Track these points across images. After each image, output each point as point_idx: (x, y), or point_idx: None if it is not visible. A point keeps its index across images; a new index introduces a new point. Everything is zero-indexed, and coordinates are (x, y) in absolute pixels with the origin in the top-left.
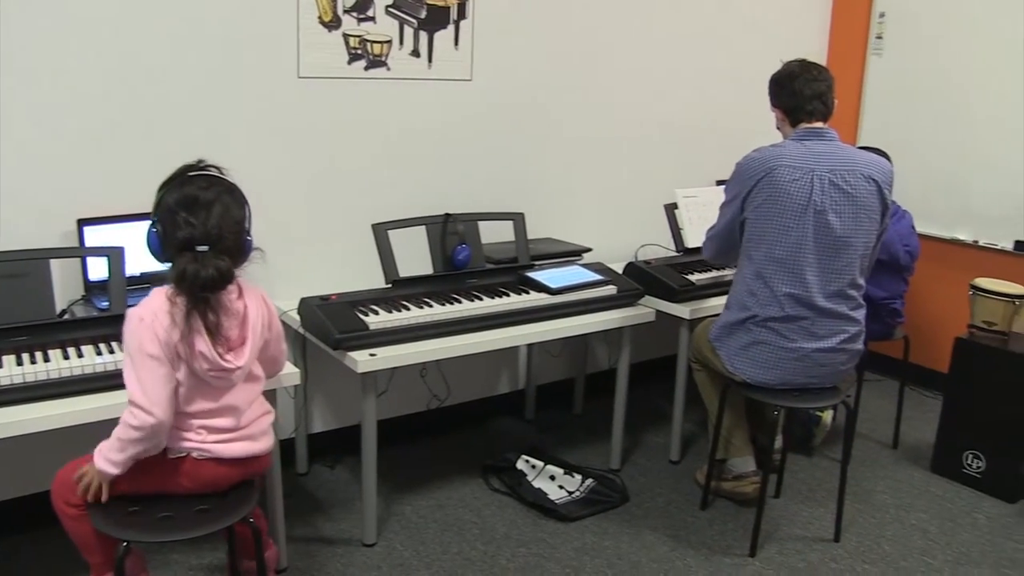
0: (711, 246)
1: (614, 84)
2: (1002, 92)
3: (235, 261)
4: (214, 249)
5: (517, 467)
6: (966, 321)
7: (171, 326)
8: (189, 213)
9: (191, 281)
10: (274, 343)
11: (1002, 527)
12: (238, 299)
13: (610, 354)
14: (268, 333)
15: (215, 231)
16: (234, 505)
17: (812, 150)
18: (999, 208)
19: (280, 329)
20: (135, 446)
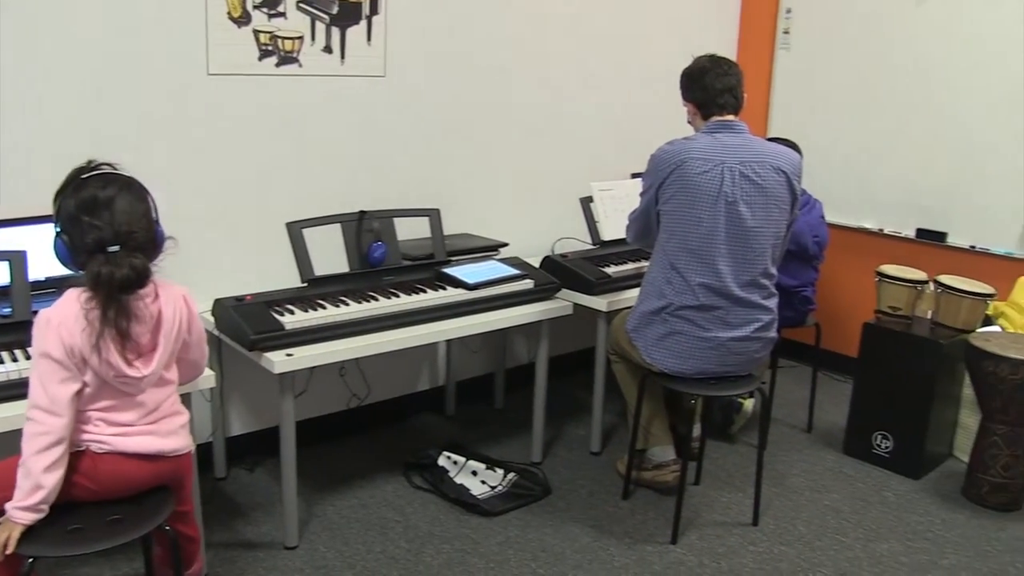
0: (632, 228)
1: (528, 79)
2: (904, 85)
3: (150, 255)
4: (126, 247)
5: (439, 463)
6: (873, 307)
7: (79, 331)
8: (92, 216)
9: (107, 283)
10: (195, 346)
11: (908, 503)
12: (153, 302)
13: (529, 348)
14: (188, 336)
15: (123, 228)
16: (149, 512)
17: (722, 142)
18: (902, 197)
19: (202, 331)
20: (46, 456)
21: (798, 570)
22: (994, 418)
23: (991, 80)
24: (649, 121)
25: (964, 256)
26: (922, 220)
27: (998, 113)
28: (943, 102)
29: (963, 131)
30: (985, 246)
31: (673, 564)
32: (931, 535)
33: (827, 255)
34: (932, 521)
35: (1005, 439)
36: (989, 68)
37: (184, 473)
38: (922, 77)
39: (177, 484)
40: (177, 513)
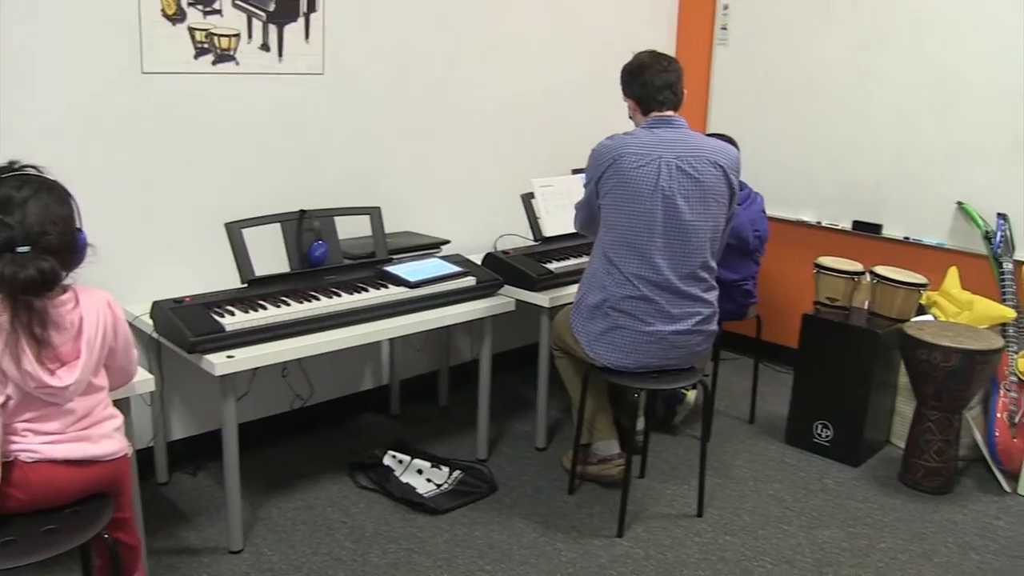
0: (578, 217)
1: (469, 75)
2: (840, 79)
3: (64, 261)
4: (36, 249)
5: (384, 463)
6: (812, 298)
7: None
8: (4, 214)
9: (10, 284)
10: (122, 352)
11: (848, 490)
12: (73, 309)
13: (472, 345)
14: (114, 342)
15: (35, 229)
16: (86, 521)
17: (660, 137)
18: (839, 190)
19: (128, 336)
20: None
21: (742, 559)
22: (928, 404)
23: (924, 74)
24: (590, 117)
25: (898, 247)
26: (858, 213)
27: (930, 107)
28: (878, 96)
29: (897, 125)
30: (918, 237)
31: (619, 557)
32: (870, 520)
33: (767, 248)
34: (871, 507)
35: (938, 425)
36: (922, 63)
37: (121, 478)
38: (857, 72)
39: (115, 490)
40: (116, 520)
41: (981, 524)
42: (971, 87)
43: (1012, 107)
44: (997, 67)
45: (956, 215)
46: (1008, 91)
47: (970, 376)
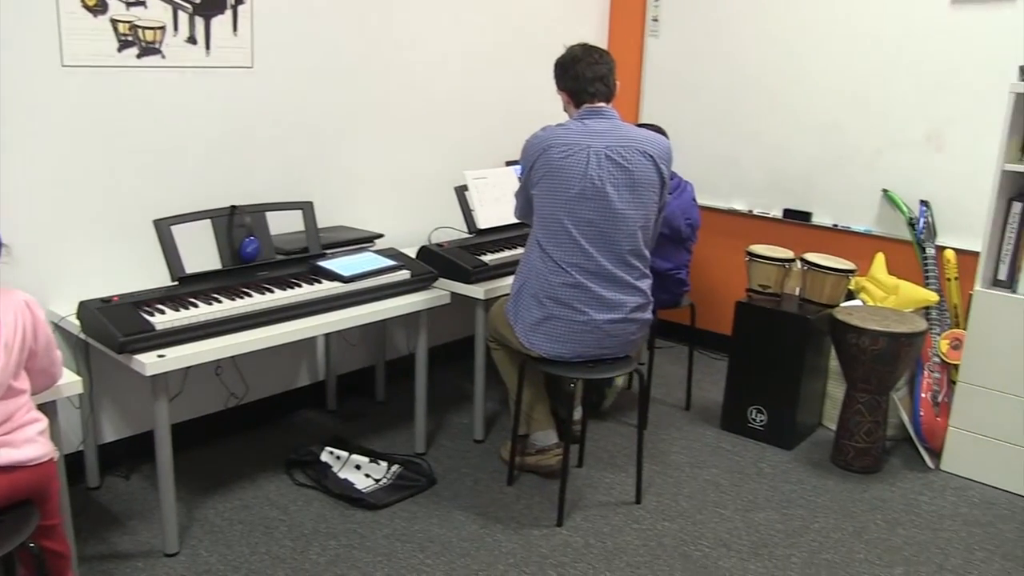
0: (517, 205)
1: (402, 68)
2: (770, 69)
3: None
4: None
5: (322, 459)
6: (745, 286)
7: None
8: None
9: None
10: (43, 354)
11: (782, 472)
12: None
13: (408, 339)
14: (35, 344)
15: None
16: (10, 530)
17: (590, 128)
18: (769, 180)
19: (50, 337)
20: None
21: (681, 544)
22: (857, 387)
23: (851, 66)
24: (524, 109)
25: (827, 234)
26: (788, 201)
27: (857, 98)
28: (807, 86)
29: (825, 115)
30: (846, 224)
31: (559, 546)
32: (803, 501)
33: (699, 237)
34: (804, 488)
35: (867, 406)
36: (850, 54)
37: (47, 484)
38: (786, 62)
39: (41, 496)
40: (43, 528)
41: (907, 500)
42: (895, 79)
43: (934, 98)
44: (919, 59)
45: (882, 202)
46: (930, 83)
47: (897, 358)
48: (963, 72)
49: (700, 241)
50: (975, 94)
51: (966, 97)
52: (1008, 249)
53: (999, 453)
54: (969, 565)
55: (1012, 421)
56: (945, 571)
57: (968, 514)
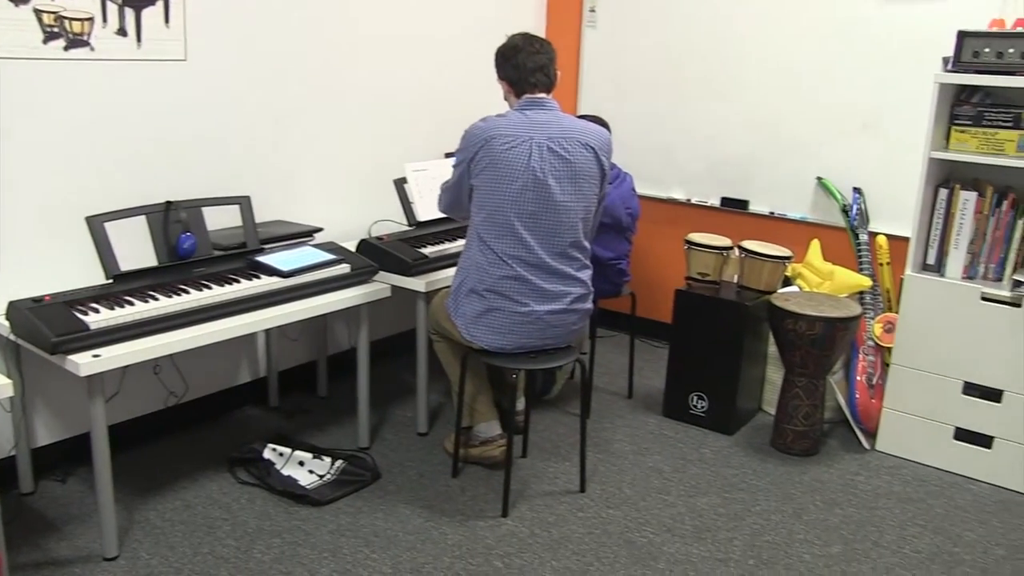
0: (443, 199)
1: (339, 61)
2: (706, 60)
3: None
4: None
5: (264, 456)
6: (684, 274)
7: None
8: None
9: None
10: None
11: (724, 458)
12: None
13: (350, 333)
14: None
15: None
16: None
17: (532, 119)
18: (707, 169)
19: None
20: None
21: (625, 531)
22: (795, 371)
23: (786, 56)
24: (463, 100)
25: (764, 222)
26: (726, 190)
27: (792, 87)
28: (743, 77)
29: (761, 105)
30: (783, 212)
31: (505, 536)
32: (745, 485)
33: (639, 227)
34: (745, 472)
35: (805, 390)
36: (784, 44)
37: None
38: (723, 53)
39: None
40: None
41: (844, 481)
42: (829, 70)
43: (865, 89)
44: (851, 51)
45: (816, 190)
46: (861, 74)
47: (832, 343)
48: (893, 63)
49: (640, 230)
50: (904, 84)
51: (896, 87)
52: (936, 234)
53: (930, 432)
54: (902, 541)
55: (942, 401)
56: (880, 548)
57: (901, 492)
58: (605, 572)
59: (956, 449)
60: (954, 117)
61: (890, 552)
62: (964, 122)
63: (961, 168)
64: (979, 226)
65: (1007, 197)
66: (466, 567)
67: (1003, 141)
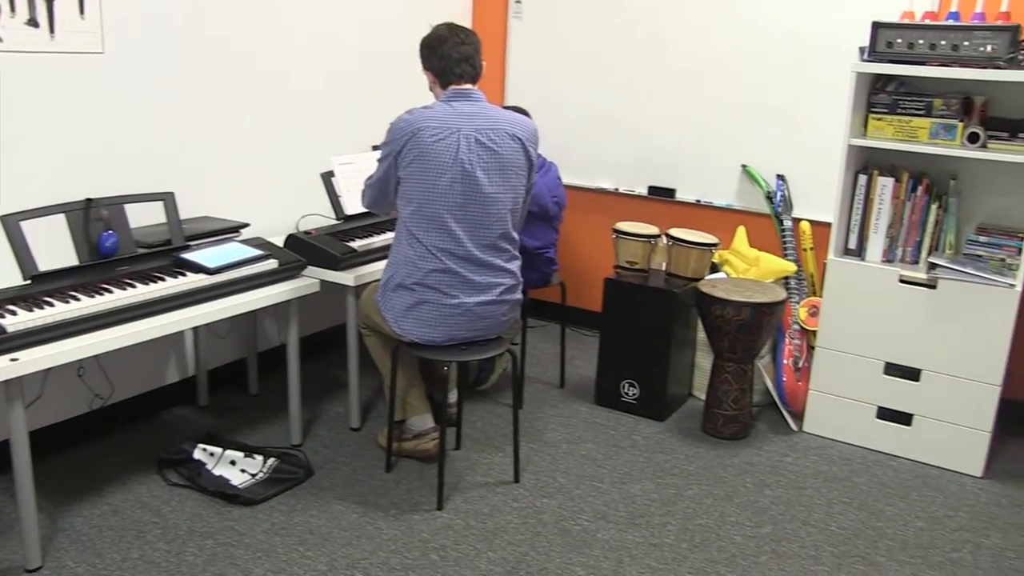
0: (368, 194)
1: (263, 52)
2: (632, 51)
3: None
4: None
5: (195, 457)
6: (613, 263)
7: None
8: None
9: None
10: None
11: (656, 443)
12: None
13: (279, 329)
14: None
15: None
16: None
17: (459, 111)
18: (634, 158)
19: None
20: None
21: (560, 519)
22: (723, 357)
23: (711, 46)
24: (389, 92)
25: (691, 210)
26: (653, 178)
27: (717, 77)
28: (670, 67)
29: (686, 95)
30: (709, 200)
31: (441, 529)
32: (677, 470)
33: (567, 216)
34: (677, 457)
35: (734, 375)
36: (709, 36)
37: None
38: (650, 44)
39: None
40: None
41: (773, 462)
42: (753, 60)
43: (788, 78)
44: (773, 41)
45: (741, 178)
46: (783, 63)
47: (759, 327)
48: (813, 53)
49: (568, 220)
50: (824, 74)
51: (816, 77)
52: (856, 219)
53: (854, 412)
54: (829, 518)
55: (865, 381)
56: (808, 526)
57: (828, 471)
58: (540, 561)
59: (878, 428)
60: (871, 105)
61: (817, 530)
62: (880, 110)
63: (879, 155)
64: (896, 211)
65: (922, 182)
66: (402, 561)
67: (916, 128)
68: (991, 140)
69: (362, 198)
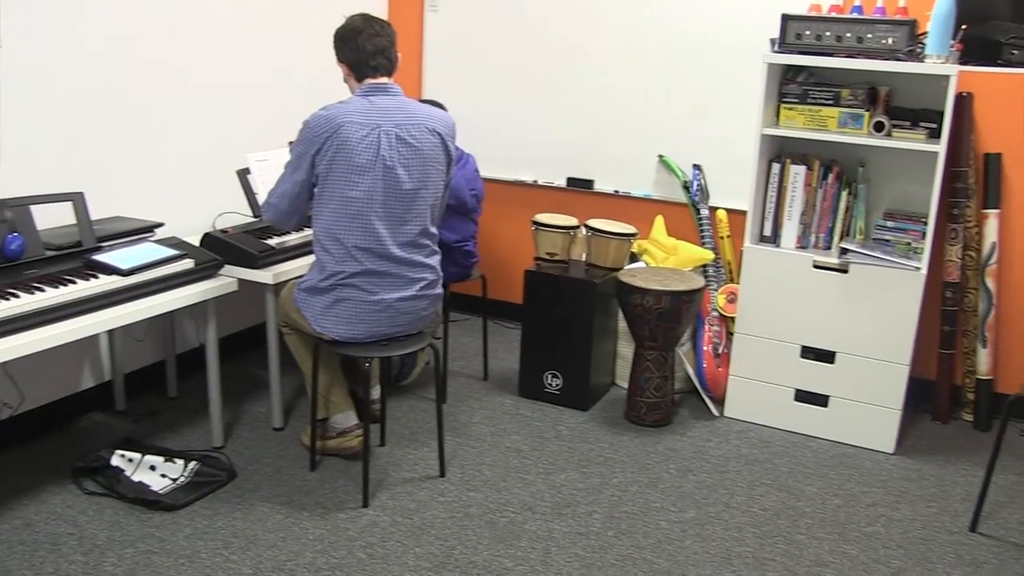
0: (274, 208)
1: (175, 44)
2: (549, 44)
3: None
4: None
5: (112, 464)
6: (532, 254)
7: None
8: None
9: None
10: None
11: (580, 433)
12: None
13: (198, 330)
14: None
15: None
16: None
17: (377, 106)
18: (553, 150)
19: None
20: None
21: (487, 512)
22: (645, 345)
23: (627, 38)
24: (304, 85)
25: (610, 200)
26: (572, 170)
27: (634, 69)
28: (587, 60)
29: (603, 86)
30: (627, 190)
31: (367, 527)
32: (601, 459)
33: (486, 209)
34: (601, 446)
35: (655, 363)
36: (626, 27)
37: None
38: (566, 36)
39: None
40: None
41: (696, 448)
42: (669, 52)
43: (703, 69)
44: (690, 33)
45: (659, 168)
46: (699, 55)
47: (679, 315)
48: (726, 44)
49: (488, 213)
50: (737, 65)
51: (730, 68)
52: (771, 207)
53: (773, 396)
54: (751, 500)
55: (782, 365)
56: (731, 509)
57: (749, 454)
58: (468, 554)
59: (797, 410)
60: (782, 96)
61: (740, 512)
62: (791, 100)
63: (791, 143)
64: (809, 198)
65: (832, 170)
66: (329, 561)
67: (826, 117)
68: (895, 129)
69: (265, 211)
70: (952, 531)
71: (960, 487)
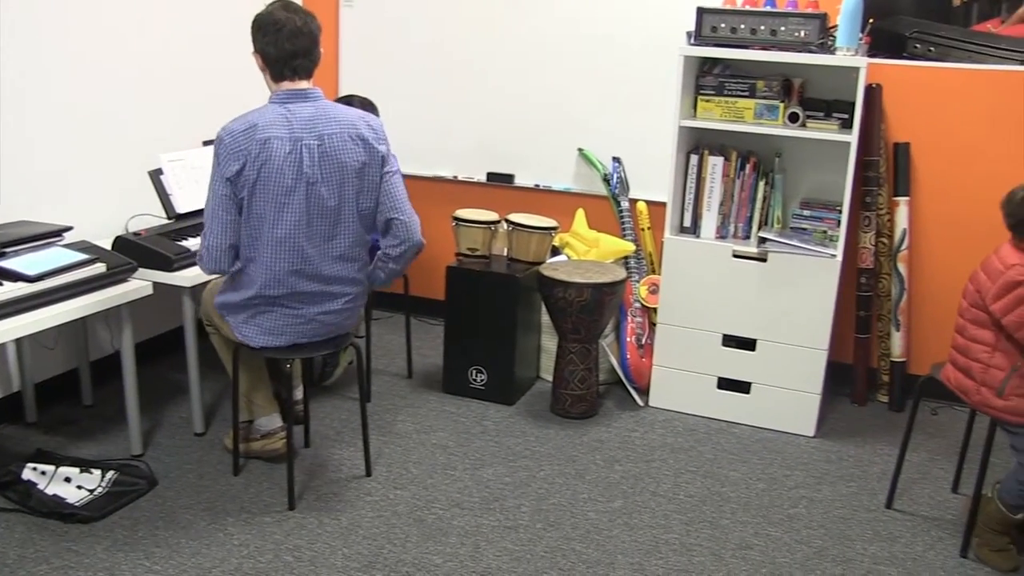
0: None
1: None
2: (468, 40)
3: None
4: None
5: (23, 478)
6: (454, 250)
7: None
8: None
9: None
10: None
11: (506, 427)
12: None
13: (113, 336)
14: None
15: None
16: None
17: (298, 116)
18: (474, 145)
19: None
20: None
21: (414, 509)
22: (568, 338)
23: (546, 32)
24: (218, 83)
25: (530, 195)
26: (492, 165)
27: (552, 63)
28: (506, 54)
29: (522, 80)
30: (547, 184)
31: (294, 529)
32: (528, 452)
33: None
34: (528, 440)
35: (579, 355)
36: (544, 21)
37: None
38: (482, 30)
39: None
40: None
41: (622, 438)
42: (587, 46)
43: (620, 62)
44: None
45: (578, 161)
46: (616, 49)
47: (601, 307)
48: (642, 38)
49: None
50: (654, 58)
51: (647, 61)
52: (690, 198)
53: (696, 384)
54: (677, 488)
55: (705, 354)
56: (658, 497)
57: (674, 443)
58: (397, 553)
59: (719, 397)
60: (699, 88)
61: (667, 500)
62: (708, 92)
63: (709, 135)
64: (727, 189)
65: (749, 161)
66: (255, 565)
67: (742, 109)
68: (809, 119)
69: (200, 263)
70: (870, 509)
71: (877, 466)
